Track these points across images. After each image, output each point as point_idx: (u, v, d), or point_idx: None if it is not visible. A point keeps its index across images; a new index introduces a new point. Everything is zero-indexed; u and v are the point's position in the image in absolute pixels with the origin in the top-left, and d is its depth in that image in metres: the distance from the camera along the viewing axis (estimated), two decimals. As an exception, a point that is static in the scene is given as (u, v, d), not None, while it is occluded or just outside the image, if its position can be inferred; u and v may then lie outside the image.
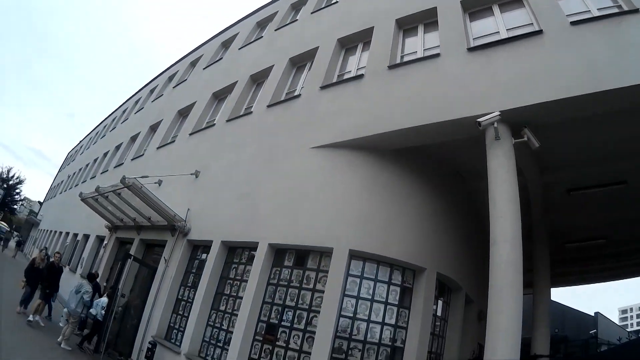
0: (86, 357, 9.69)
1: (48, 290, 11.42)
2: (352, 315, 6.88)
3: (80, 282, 10.78)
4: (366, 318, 6.94)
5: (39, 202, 60.06)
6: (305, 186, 8.02)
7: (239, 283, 8.34)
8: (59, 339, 9.73)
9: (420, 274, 7.38)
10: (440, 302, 8.02)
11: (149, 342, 8.96)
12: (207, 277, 8.71)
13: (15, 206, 64.95)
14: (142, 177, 10.42)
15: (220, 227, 9.11)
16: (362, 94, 8.31)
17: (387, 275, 7.27)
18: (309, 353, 6.68)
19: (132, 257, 10.98)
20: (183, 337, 8.74)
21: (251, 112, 11.07)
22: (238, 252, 8.77)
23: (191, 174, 11.09)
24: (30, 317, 10.41)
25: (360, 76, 8.58)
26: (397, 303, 7.18)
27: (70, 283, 18.37)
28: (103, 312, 9.82)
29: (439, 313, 7.96)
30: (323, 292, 6.98)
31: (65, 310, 10.54)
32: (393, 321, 7.05)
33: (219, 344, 8.10)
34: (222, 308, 8.41)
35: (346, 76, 9.26)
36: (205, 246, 9.56)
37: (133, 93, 27.83)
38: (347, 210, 7.36)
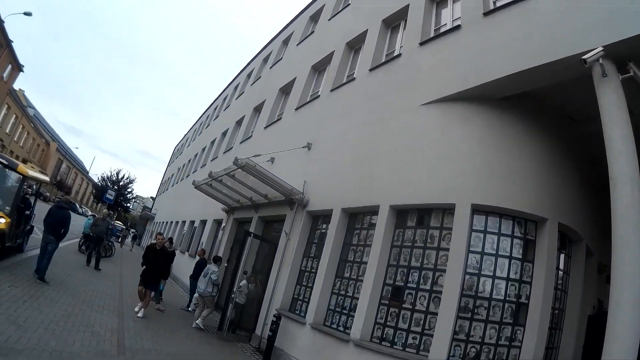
0: (210, 335, 10.59)
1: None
2: (477, 272, 6.87)
3: (207, 266, 11.60)
4: (491, 274, 6.89)
5: (151, 197, 64.64)
6: (420, 143, 8.10)
7: (362, 249, 8.65)
8: (193, 325, 10.88)
9: (542, 225, 7.17)
10: (562, 255, 7.77)
11: (274, 315, 9.44)
12: (329, 245, 9.11)
13: (128, 204, 69.76)
14: (254, 156, 11.03)
15: (339, 194, 9.45)
16: (461, 45, 8.18)
17: (509, 228, 7.14)
18: (436, 314, 6.79)
19: (252, 235, 11.61)
20: (307, 307, 9.28)
21: (354, 78, 11.33)
22: (359, 218, 9.08)
23: (303, 147, 11.56)
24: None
25: (457, 27, 8.44)
26: (520, 257, 7.06)
27: (190, 267, 19.73)
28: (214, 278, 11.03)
29: (561, 266, 7.73)
30: (448, 250, 7.01)
31: (196, 294, 11.35)
32: (517, 276, 6.96)
33: (344, 311, 8.49)
34: (347, 275, 8.79)
35: (442, 29, 9.11)
36: (325, 216, 9.99)
37: (230, 80, 28.98)
38: (464, 164, 7.31)
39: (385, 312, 7.52)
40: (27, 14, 33.45)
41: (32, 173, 11.34)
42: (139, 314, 9.64)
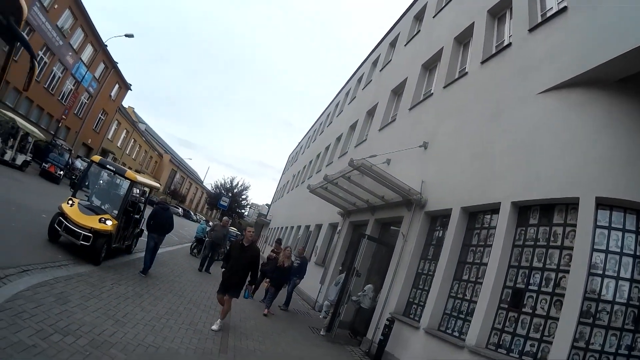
0: (320, 338, 10.94)
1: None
2: (601, 272, 6.40)
3: (339, 276, 12.16)
4: (615, 275, 6.37)
5: (266, 204, 67.00)
6: (539, 134, 7.84)
7: (482, 249, 8.52)
8: (322, 332, 11.35)
9: None
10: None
11: (387, 319, 9.55)
12: (448, 246, 9.08)
13: (242, 210, 72.43)
14: (370, 156, 11.21)
15: (457, 193, 9.42)
16: (571, 27, 7.82)
17: (633, 223, 6.54)
18: (556, 319, 6.45)
19: (367, 237, 11.82)
20: (422, 311, 9.22)
21: (466, 73, 11.32)
22: (479, 217, 8.98)
23: (419, 146, 11.64)
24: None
25: (564, 9, 8.06)
26: None
27: (308, 272, 20.22)
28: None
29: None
30: (571, 248, 6.66)
31: (327, 302, 11.72)
32: None
33: (460, 315, 8.36)
34: (465, 277, 8.68)
35: (549, 13, 8.74)
36: (444, 216, 9.99)
37: (341, 87, 29.65)
38: (586, 154, 6.88)
39: (504, 316, 7.30)
40: (129, 35, 36.42)
41: (140, 178, 12.03)
42: (214, 327, 8.08)
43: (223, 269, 8.71)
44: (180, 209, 73.08)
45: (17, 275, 6.59)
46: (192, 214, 75.46)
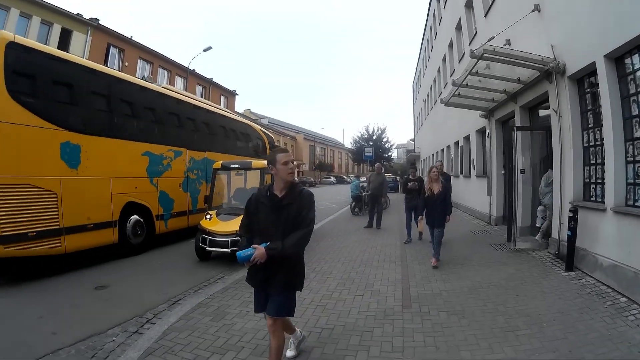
0: (501, 254, 10.12)
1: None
2: None
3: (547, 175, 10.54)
4: None
5: (410, 140, 65.49)
6: None
7: None
8: (537, 237, 10.49)
9: None
10: None
11: (569, 210, 8.36)
12: (607, 105, 7.46)
13: (389, 153, 71.37)
14: (488, 40, 10.02)
15: (594, 42, 7.75)
16: None
17: None
18: None
19: (516, 128, 10.78)
20: (604, 189, 7.84)
21: None
22: (627, 60, 7.20)
23: (532, 12, 10.15)
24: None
25: None
26: None
27: (468, 189, 19.44)
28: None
29: None
30: None
31: (540, 207, 10.59)
32: None
33: None
34: (638, 135, 7.03)
35: None
36: (589, 74, 8.41)
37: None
38: None
39: None
40: (207, 49, 37.14)
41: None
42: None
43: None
44: (332, 177, 74.92)
45: (168, 309, 6.62)
46: (345, 177, 76.93)
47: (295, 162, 4.27)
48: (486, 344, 5.08)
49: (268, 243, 3.79)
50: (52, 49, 9.66)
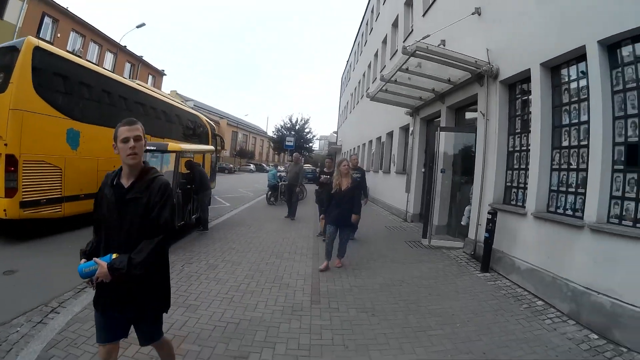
0: (418, 251, 10.07)
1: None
2: None
3: None
4: None
5: (333, 132, 66.06)
6: None
7: (577, 106, 6.97)
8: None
9: None
10: None
11: (488, 212, 8.43)
12: (537, 112, 7.59)
13: (310, 144, 71.72)
14: (423, 38, 9.83)
15: (531, 50, 7.84)
16: None
17: None
18: None
19: (440, 128, 10.99)
20: (525, 194, 7.99)
21: None
22: (563, 70, 7.35)
23: (472, 14, 10.13)
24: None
25: None
26: None
27: (387, 184, 19.66)
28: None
29: None
30: None
31: (468, 207, 10.37)
32: None
33: (570, 189, 6.99)
34: (565, 143, 7.20)
35: None
36: (522, 80, 8.55)
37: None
38: None
39: (622, 180, 5.87)
40: (140, 26, 36.50)
41: (187, 146, 11.77)
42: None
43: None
44: (252, 165, 74.08)
45: (74, 297, 6.04)
46: (265, 165, 76.49)
47: (139, 138, 3.04)
48: (397, 343, 4.92)
49: (113, 256, 2.82)
50: (66, 53, 11.89)
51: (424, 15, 14.83)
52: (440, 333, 5.25)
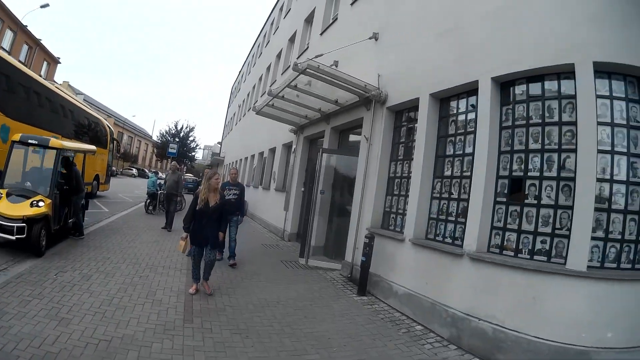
0: (294, 271, 9.78)
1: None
2: (609, 148, 5.27)
3: None
4: (625, 151, 5.30)
5: (218, 143, 64.81)
6: None
7: (462, 138, 7.10)
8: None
9: None
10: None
11: (365, 236, 8.28)
12: (422, 140, 7.65)
13: (193, 153, 70.07)
14: (316, 56, 9.62)
15: (423, 80, 7.90)
16: None
17: (636, 91, 5.46)
18: (569, 207, 5.34)
19: (322, 150, 10.78)
20: (404, 220, 7.96)
21: None
22: (452, 102, 7.49)
23: (369, 39, 10.07)
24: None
25: None
26: None
27: (266, 201, 19.26)
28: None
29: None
30: (571, 123, 5.48)
31: None
32: None
33: (450, 217, 7.06)
34: (448, 173, 7.28)
35: None
36: (410, 108, 8.60)
37: (275, 2, 27.43)
38: (579, 15, 5.46)
39: (504, 212, 6.06)
40: (44, 6, 34.34)
41: (69, 144, 10.98)
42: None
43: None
44: (134, 169, 70.42)
45: None
46: (147, 171, 73.12)
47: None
48: (272, 367, 4.58)
49: None
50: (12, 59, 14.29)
51: (322, 34, 14.71)
52: (316, 357, 5.05)
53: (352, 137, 11.55)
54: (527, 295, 5.25)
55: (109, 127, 25.58)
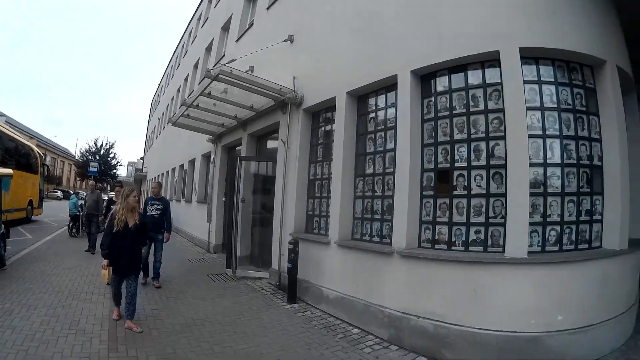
0: (222, 284, 9.34)
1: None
2: (540, 132, 5.33)
3: None
4: (557, 134, 5.39)
5: (141, 158, 62.71)
6: None
7: (382, 134, 6.89)
8: None
9: (599, 69, 5.75)
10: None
11: (289, 242, 7.92)
12: (340, 140, 7.41)
13: (115, 170, 67.70)
14: (229, 62, 9.27)
15: (340, 78, 7.64)
16: None
17: (565, 75, 5.59)
18: (501, 195, 5.31)
19: (239, 158, 10.43)
20: (328, 222, 7.70)
21: None
22: (371, 99, 7.29)
23: (284, 41, 9.76)
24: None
25: None
26: (584, 109, 5.64)
27: (189, 214, 18.64)
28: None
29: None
30: (498, 111, 5.44)
31: None
32: (586, 133, 5.58)
33: (375, 216, 6.85)
34: (370, 171, 7.07)
35: None
36: (327, 109, 8.35)
37: (193, 12, 26.93)
38: (501, 2, 5.51)
39: (432, 205, 5.92)
40: None
41: None
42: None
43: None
44: (59, 192, 66.78)
45: None
46: (71, 192, 69.60)
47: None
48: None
49: None
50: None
51: (237, 40, 14.31)
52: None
53: (270, 143, 11.20)
54: (466, 288, 5.13)
55: (39, 153, 25.84)
